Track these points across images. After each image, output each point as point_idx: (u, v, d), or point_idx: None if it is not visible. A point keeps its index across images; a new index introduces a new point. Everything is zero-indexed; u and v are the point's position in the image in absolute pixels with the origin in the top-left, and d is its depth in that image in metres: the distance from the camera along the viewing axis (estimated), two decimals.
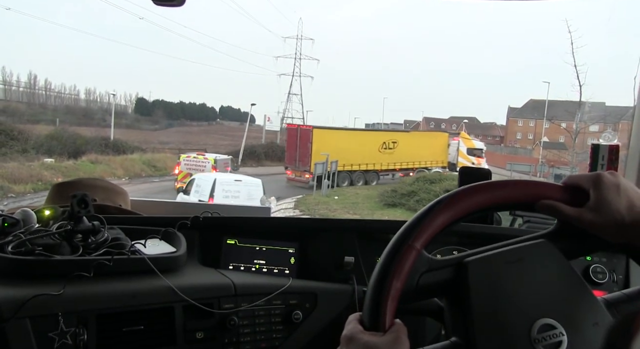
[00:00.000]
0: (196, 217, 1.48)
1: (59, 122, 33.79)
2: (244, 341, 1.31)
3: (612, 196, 0.83)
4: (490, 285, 0.84)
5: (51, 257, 1.15)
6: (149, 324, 1.20)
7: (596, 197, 0.84)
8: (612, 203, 0.83)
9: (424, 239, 0.82)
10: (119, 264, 1.20)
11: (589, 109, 21.16)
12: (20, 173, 17.77)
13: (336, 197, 19.74)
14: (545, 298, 0.84)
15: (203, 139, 41.74)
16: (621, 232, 0.83)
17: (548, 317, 0.81)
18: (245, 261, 1.51)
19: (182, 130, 49.27)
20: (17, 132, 23.92)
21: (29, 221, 1.28)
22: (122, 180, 21.00)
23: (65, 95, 50.86)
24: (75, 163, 21.76)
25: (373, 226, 1.75)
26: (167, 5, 1.31)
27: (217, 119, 66.70)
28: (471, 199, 0.86)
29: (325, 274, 1.49)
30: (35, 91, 48.49)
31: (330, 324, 1.41)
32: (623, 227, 0.82)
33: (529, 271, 0.85)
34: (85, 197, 1.23)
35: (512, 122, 61.29)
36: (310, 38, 59.89)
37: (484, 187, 0.87)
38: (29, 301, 1.04)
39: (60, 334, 1.07)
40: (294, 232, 1.57)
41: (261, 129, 42.04)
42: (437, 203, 0.84)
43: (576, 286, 0.85)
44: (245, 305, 1.31)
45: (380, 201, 18.90)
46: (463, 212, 0.85)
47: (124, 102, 55.34)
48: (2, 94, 44.00)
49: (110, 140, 27.27)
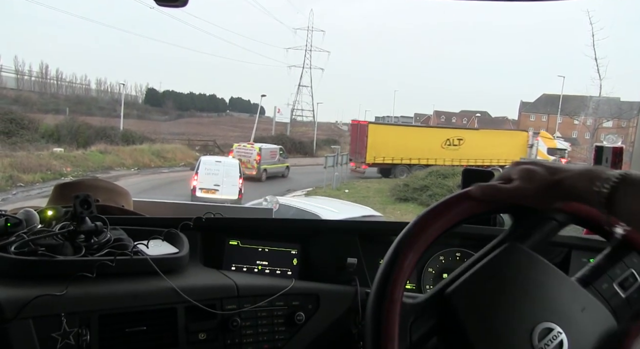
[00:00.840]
0: (199, 218, 1.48)
1: (68, 111, 33.92)
2: (247, 342, 1.31)
3: (536, 167, 0.86)
4: (479, 309, 0.84)
5: (54, 258, 1.15)
6: (151, 325, 1.20)
7: (520, 168, 0.87)
8: (536, 172, 0.85)
9: (401, 286, 0.81)
10: (122, 264, 1.20)
11: (595, 104, 20.87)
12: (30, 162, 17.86)
13: (347, 190, 19.62)
14: (533, 302, 0.84)
15: (212, 130, 41.82)
16: (544, 192, 0.84)
17: (543, 320, 0.82)
18: (247, 262, 1.51)
19: (192, 121, 49.31)
20: (28, 122, 24.07)
21: (32, 222, 1.28)
22: (131, 170, 21.08)
23: (77, 85, 50.98)
24: (85, 153, 21.82)
25: (375, 227, 1.75)
26: (169, 5, 1.30)
27: (227, 111, 66.73)
28: (429, 230, 0.85)
29: (328, 276, 1.48)
30: (47, 80, 48.67)
31: (332, 326, 1.41)
32: (546, 184, 0.84)
33: (509, 280, 0.85)
34: (87, 198, 1.23)
35: (524, 116, 60.67)
36: (321, 30, 59.87)
37: (436, 213, 0.87)
38: (32, 301, 1.04)
39: (63, 334, 1.07)
40: (296, 234, 1.57)
41: (271, 120, 42.12)
42: (401, 244, 0.84)
43: (554, 278, 0.85)
44: (248, 306, 1.31)
45: (391, 195, 18.76)
46: (426, 244, 0.85)
47: (134, 92, 55.42)
48: (15, 83, 44.21)
49: (120, 130, 27.35)
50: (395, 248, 0.84)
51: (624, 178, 0.76)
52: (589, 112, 19.91)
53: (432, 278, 1.61)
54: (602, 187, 0.76)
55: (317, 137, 38.92)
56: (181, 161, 25.44)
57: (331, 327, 1.41)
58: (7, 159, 17.65)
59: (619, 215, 0.77)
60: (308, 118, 59.39)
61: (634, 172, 0.77)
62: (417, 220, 0.86)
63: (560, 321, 0.82)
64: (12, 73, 43.41)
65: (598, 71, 18.35)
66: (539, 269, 0.87)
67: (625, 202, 0.75)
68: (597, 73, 18.37)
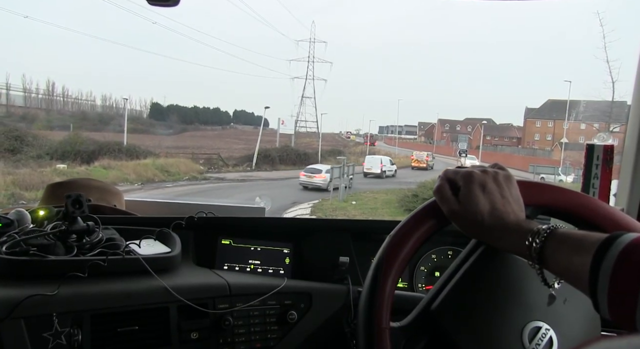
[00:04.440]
0: (191, 217, 1.48)
1: (72, 127, 34.07)
2: (239, 341, 1.31)
3: (477, 194, 0.84)
4: (466, 320, 0.84)
5: (45, 258, 1.15)
6: (143, 325, 1.20)
7: (464, 192, 0.85)
8: (475, 202, 0.83)
9: (386, 313, 0.82)
10: (114, 264, 1.20)
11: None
12: (32, 179, 17.79)
13: (354, 202, 19.37)
14: (517, 303, 0.84)
15: (217, 143, 41.90)
16: (479, 231, 0.84)
17: (530, 320, 0.82)
18: (240, 261, 1.51)
19: (196, 134, 49.48)
20: (32, 138, 24.15)
21: (24, 222, 1.29)
22: (135, 185, 21.04)
23: (82, 101, 51.41)
24: (88, 169, 21.81)
25: (367, 226, 1.75)
26: (161, 5, 1.32)
27: (230, 123, 67.03)
28: (402, 252, 0.85)
29: (320, 275, 1.48)
30: (53, 97, 49.06)
31: (325, 325, 1.41)
32: (481, 227, 0.83)
33: (490, 285, 0.86)
34: (79, 198, 1.23)
35: (529, 123, 60.40)
36: (323, 41, 60.12)
37: (404, 233, 0.87)
38: (24, 301, 1.04)
39: (55, 334, 1.07)
40: (288, 233, 1.57)
41: (274, 132, 42.14)
42: (377, 269, 0.84)
43: (532, 276, 0.85)
44: (240, 305, 1.31)
45: (400, 206, 18.44)
46: (402, 266, 0.85)
47: (139, 107, 55.84)
48: (23, 101, 44.58)
49: (124, 145, 27.40)
50: (373, 275, 0.84)
51: (552, 233, 0.75)
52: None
53: (424, 276, 1.61)
54: (534, 243, 0.76)
55: (322, 147, 38.91)
56: (185, 174, 25.41)
57: (323, 326, 1.41)
58: (10, 177, 17.61)
59: (550, 269, 0.76)
60: (312, 129, 59.52)
61: (561, 227, 0.76)
62: (389, 241, 0.86)
63: (546, 317, 0.82)
64: (20, 91, 43.79)
65: (610, 74, 18.04)
66: (517, 269, 0.87)
67: (554, 258, 0.74)
68: (610, 76, 18.05)
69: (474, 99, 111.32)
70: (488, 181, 0.85)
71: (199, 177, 25.09)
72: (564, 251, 0.73)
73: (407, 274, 1.59)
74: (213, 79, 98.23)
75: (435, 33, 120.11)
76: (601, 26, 16.78)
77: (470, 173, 0.86)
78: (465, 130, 62.45)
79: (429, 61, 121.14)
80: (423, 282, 1.59)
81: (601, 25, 16.78)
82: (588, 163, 1.54)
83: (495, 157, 40.34)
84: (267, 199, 1.96)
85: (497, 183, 0.85)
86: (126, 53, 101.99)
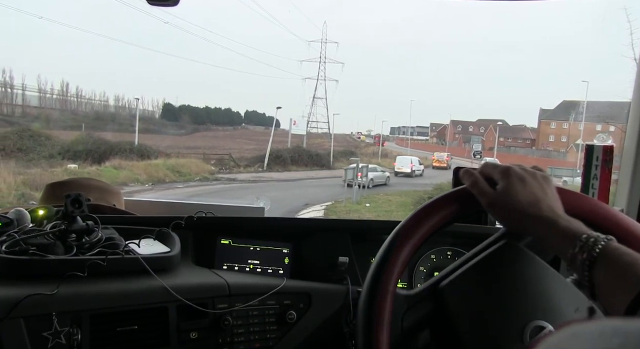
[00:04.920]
0: (190, 217, 1.49)
1: (85, 127, 34.27)
2: (238, 341, 1.31)
3: (516, 187, 0.85)
4: (471, 304, 0.84)
5: (45, 257, 1.16)
6: (142, 324, 1.20)
7: (503, 184, 0.86)
8: (515, 193, 0.84)
9: (395, 278, 0.83)
10: (113, 264, 1.21)
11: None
12: (43, 179, 17.75)
13: (367, 204, 19.11)
14: (526, 300, 0.83)
15: (228, 144, 41.93)
16: (519, 223, 0.84)
17: (536, 319, 0.81)
18: (239, 261, 1.51)
19: (207, 135, 49.55)
20: (45, 138, 24.32)
21: (23, 221, 1.30)
22: (146, 186, 21.07)
23: (95, 101, 51.68)
24: (98, 169, 21.83)
25: (367, 226, 1.74)
26: (161, 5, 1.32)
27: (242, 124, 67.07)
28: (425, 225, 0.87)
29: (319, 275, 1.48)
30: (67, 97, 49.38)
31: (324, 325, 1.41)
32: (522, 219, 0.83)
33: (503, 276, 0.85)
34: (79, 197, 1.24)
35: (544, 124, 59.59)
36: (335, 41, 59.99)
37: (432, 208, 0.88)
38: (23, 300, 1.05)
39: (54, 334, 1.08)
40: (288, 233, 1.57)
41: (286, 133, 42.10)
42: (397, 236, 0.85)
43: (549, 277, 0.85)
44: (239, 305, 1.31)
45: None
46: (422, 239, 0.86)
47: (151, 107, 55.97)
48: (37, 101, 44.96)
49: (135, 145, 27.49)
50: (392, 240, 0.85)
51: (603, 253, 0.73)
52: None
53: (423, 277, 1.60)
54: (583, 253, 0.74)
55: (334, 148, 38.85)
56: (196, 175, 25.42)
57: (323, 326, 1.40)
58: (21, 177, 17.71)
59: (593, 281, 0.74)
60: (323, 129, 59.46)
61: (614, 241, 0.74)
62: (413, 214, 0.88)
63: (553, 320, 0.81)
64: (35, 92, 44.20)
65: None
66: (535, 267, 0.86)
67: (598, 280, 0.72)
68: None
69: (487, 100, 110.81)
70: (527, 177, 0.86)
71: (210, 177, 25.05)
72: (610, 278, 0.71)
73: (407, 274, 1.59)
74: (225, 80, 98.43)
75: (447, 33, 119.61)
76: (629, 22, 16.09)
77: (509, 167, 0.88)
78: (477, 131, 62.08)
79: (441, 62, 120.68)
80: (422, 282, 1.58)
81: (628, 21, 16.09)
82: (587, 164, 1.53)
83: (509, 158, 40.13)
84: (266, 199, 1.96)
85: (536, 180, 0.87)
86: (139, 53, 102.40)
